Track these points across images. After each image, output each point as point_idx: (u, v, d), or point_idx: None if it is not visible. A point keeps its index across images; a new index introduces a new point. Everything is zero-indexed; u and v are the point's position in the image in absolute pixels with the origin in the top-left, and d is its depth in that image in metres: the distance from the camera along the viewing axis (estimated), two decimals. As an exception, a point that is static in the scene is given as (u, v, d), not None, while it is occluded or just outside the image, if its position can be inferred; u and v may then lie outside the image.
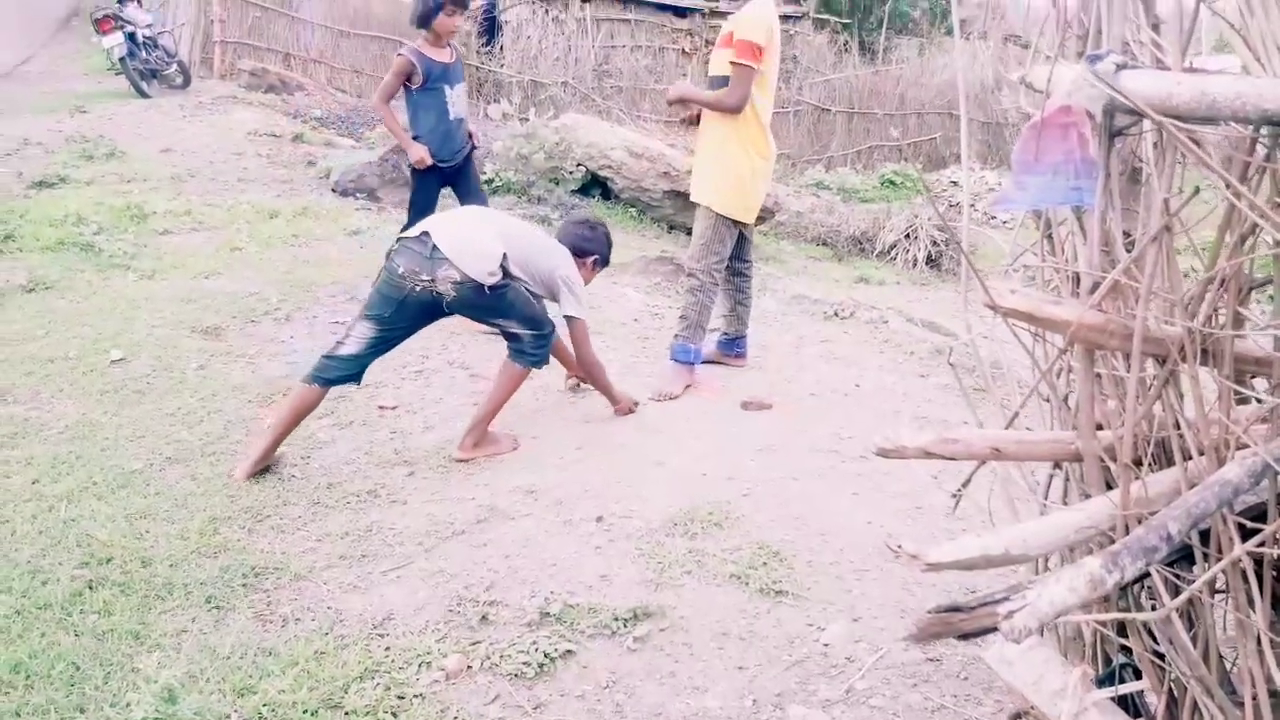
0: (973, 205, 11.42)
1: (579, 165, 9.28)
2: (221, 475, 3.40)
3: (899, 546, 1.11)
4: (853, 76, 16.66)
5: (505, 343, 3.70)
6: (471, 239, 3.49)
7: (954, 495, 1.49)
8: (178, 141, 9.21)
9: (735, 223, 4.38)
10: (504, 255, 3.48)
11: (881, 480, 3.52)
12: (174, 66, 12.29)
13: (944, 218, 8.94)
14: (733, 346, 4.82)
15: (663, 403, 4.25)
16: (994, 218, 11.95)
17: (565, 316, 3.72)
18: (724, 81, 4.22)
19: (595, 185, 9.45)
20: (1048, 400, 1.51)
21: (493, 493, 3.35)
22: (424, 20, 4.90)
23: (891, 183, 13.10)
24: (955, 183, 13.42)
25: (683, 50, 16.41)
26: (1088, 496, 1.37)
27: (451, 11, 4.90)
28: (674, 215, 9.13)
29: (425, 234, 3.44)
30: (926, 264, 9.03)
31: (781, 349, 5.17)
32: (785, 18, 16.56)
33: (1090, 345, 1.22)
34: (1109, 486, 1.37)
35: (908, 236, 9.31)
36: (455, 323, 4.18)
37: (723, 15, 4.69)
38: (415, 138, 5.02)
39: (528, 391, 4.29)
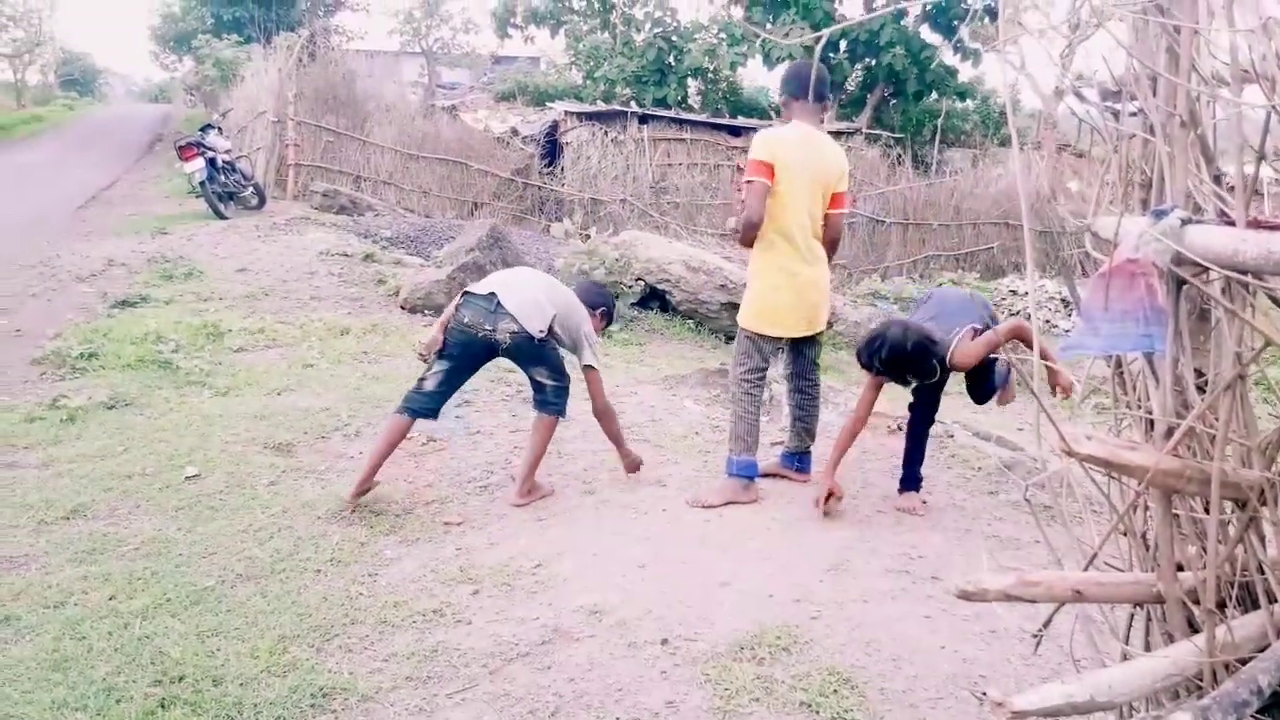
0: (1039, 318, 11.35)
1: (638, 279, 9.48)
2: (292, 593, 3.44)
3: (983, 693, 1.11)
4: (906, 189, 16.89)
5: (533, 394, 4.36)
6: (532, 301, 4.18)
7: (1035, 635, 1.48)
8: (253, 261, 9.58)
9: (766, 337, 4.47)
10: (554, 316, 4.21)
11: (954, 602, 3.44)
12: (250, 189, 12.89)
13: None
14: (794, 461, 4.81)
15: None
16: (1054, 326, 11.88)
17: (585, 367, 4.34)
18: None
19: (654, 298, 9.63)
20: (1125, 534, 1.50)
21: (556, 613, 3.35)
22: None
23: (950, 292, 13.05)
24: (1014, 291, 13.40)
25: (737, 167, 16.81)
26: (1170, 638, 1.35)
27: None
28: (731, 327, 9.20)
29: (492, 294, 4.15)
30: (988, 374, 8.93)
31: (846, 463, 5.12)
32: (838, 133, 16.94)
33: (1167, 489, 1.22)
34: (1192, 627, 1.35)
35: (968, 346, 9.24)
36: (519, 438, 4.28)
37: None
38: None
39: (589, 508, 4.32)
